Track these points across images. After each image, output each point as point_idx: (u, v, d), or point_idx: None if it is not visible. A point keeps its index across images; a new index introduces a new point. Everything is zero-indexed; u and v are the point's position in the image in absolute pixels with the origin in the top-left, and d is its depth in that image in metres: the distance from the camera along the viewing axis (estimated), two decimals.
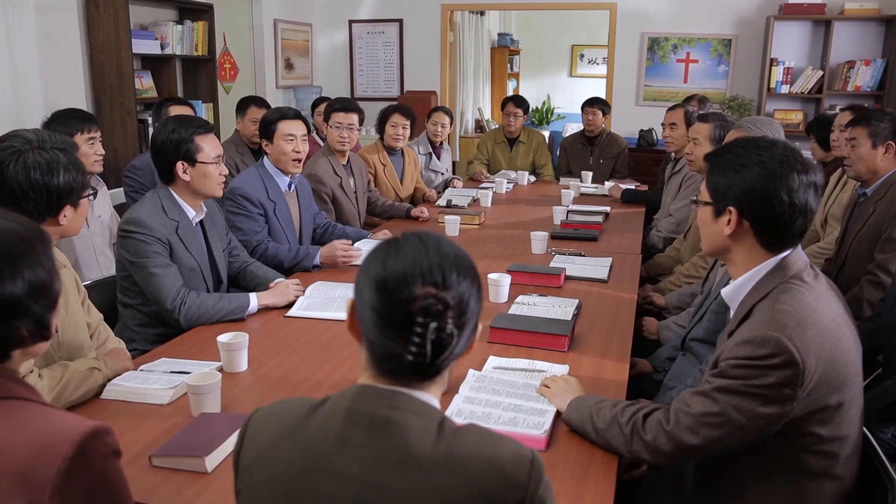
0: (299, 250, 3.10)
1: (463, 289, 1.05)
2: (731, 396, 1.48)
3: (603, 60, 10.09)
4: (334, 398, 1.09)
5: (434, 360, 1.02)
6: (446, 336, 1.02)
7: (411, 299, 1.01)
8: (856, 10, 6.05)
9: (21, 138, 1.87)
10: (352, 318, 1.11)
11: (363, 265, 1.09)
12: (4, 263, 1.08)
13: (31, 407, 1.11)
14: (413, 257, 1.05)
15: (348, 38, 7.28)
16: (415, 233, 1.11)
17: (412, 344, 1.01)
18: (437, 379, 1.08)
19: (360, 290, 1.07)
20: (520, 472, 1.01)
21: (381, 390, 1.06)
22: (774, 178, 1.54)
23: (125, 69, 4.55)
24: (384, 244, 1.10)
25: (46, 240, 1.16)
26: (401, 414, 1.03)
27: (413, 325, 1.01)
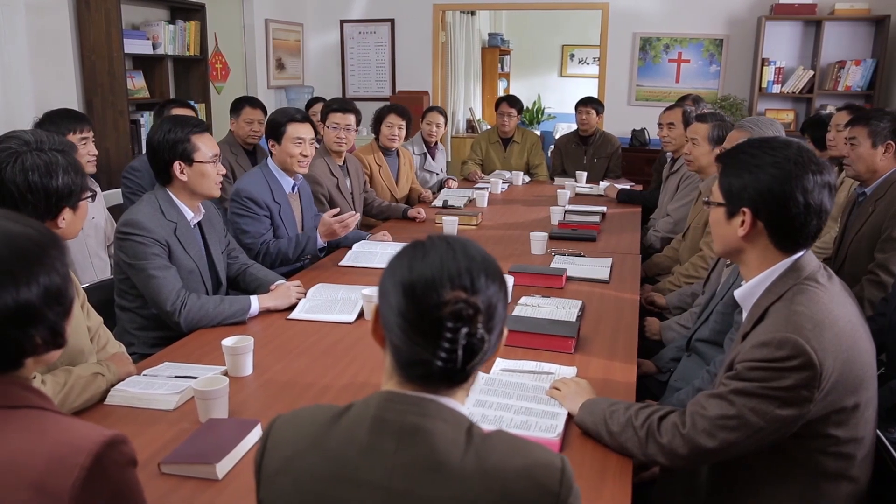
0: (298, 237, 3.11)
1: (491, 293, 1.04)
2: (748, 399, 1.47)
3: (593, 60, 10.12)
4: (359, 405, 1.07)
5: (465, 366, 1.01)
6: (477, 341, 1.00)
7: (440, 304, 1.00)
8: (846, 11, 6.09)
9: (19, 139, 1.83)
10: (376, 324, 1.09)
11: (388, 269, 1.07)
12: (20, 269, 1.05)
13: (45, 416, 1.08)
14: (441, 261, 1.03)
15: (340, 38, 7.24)
16: (441, 236, 1.09)
17: (441, 349, 0.99)
18: (464, 385, 1.06)
19: (386, 295, 1.05)
20: (551, 480, 1.00)
21: (409, 397, 1.04)
22: (790, 178, 1.53)
23: (117, 69, 4.50)
24: (410, 248, 1.08)
25: (60, 245, 1.13)
26: (429, 421, 1.01)
27: (442, 330, 0.99)
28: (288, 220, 3.23)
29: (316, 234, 3.10)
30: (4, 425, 1.04)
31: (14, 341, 1.06)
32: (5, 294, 1.03)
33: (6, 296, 1.03)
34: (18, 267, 1.05)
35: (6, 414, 1.06)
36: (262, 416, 1.79)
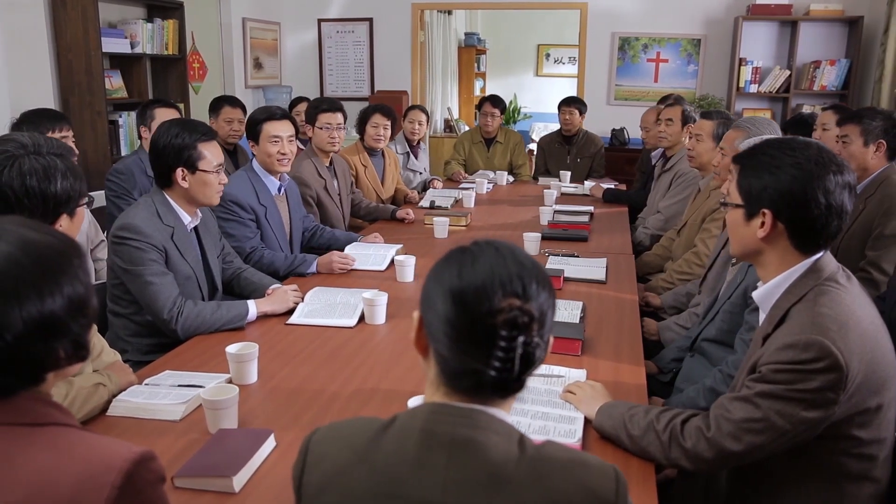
0: (296, 257, 3.03)
1: (542, 300, 1.01)
2: (774, 401, 1.46)
3: (569, 60, 10.18)
4: (404, 418, 1.04)
5: (520, 376, 0.98)
6: (533, 349, 0.97)
7: (493, 312, 0.97)
8: (821, 12, 6.17)
9: (15, 142, 1.76)
10: (420, 333, 1.05)
11: (433, 276, 1.04)
12: (44, 279, 1.00)
13: (71, 433, 1.04)
14: (491, 267, 1.00)
15: (317, 38, 7.17)
16: (487, 241, 1.06)
17: (496, 359, 0.96)
18: (515, 395, 1.03)
19: (432, 303, 1.01)
20: (607, 490, 0.98)
21: (458, 409, 1.01)
22: (811, 179, 1.53)
23: (95, 68, 4.40)
24: (456, 253, 1.04)
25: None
26: (481, 433, 0.98)
27: (496, 339, 0.96)
28: (275, 222, 3.17)
29: (313, 260, 3.02)
30: (31, 444, 1.00)
31: (38, 355, 1.02)
32: (29, 305, 0.98)
33: (30, 307, 0.98)
34: (42, 277, 1.00)
35: (31, 432, 1.01)
36: (272, 425, 1.75)
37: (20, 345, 0.98)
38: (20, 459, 0.98)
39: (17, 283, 0.98)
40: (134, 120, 4.74)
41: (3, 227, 1.03)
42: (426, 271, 3.01)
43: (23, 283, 0.98)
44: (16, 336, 0.97)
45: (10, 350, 0.97)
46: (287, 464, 1.58)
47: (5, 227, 1.03)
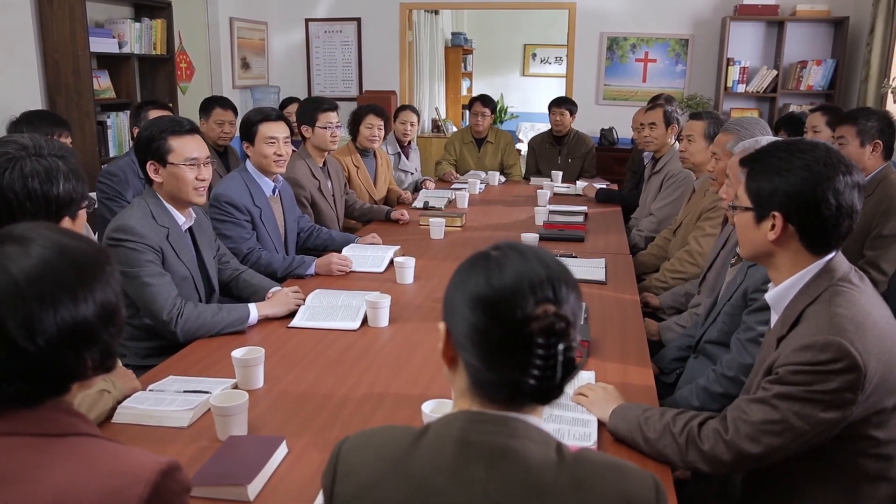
0: (294, 259, 3.00)
1: (572, 302, 0.99)
2: (792, 403, 1.46)
3: (555, 60, 10.20)
4: (437, 427, 1.02)
5: (562, 382, 0.96)
6: (573, 355, 0.96)
7: (527, 319, 0.95)
8: (807, 12, 6.22)
9: (16, 144, 1.72)
10: (447, 345, 1.03)
11: (458, 285, 1.01)
12: (78, 283, 0.98)
13: (96, 443, 1.02)
14: (519, 272, 0.98)
15: (305, 37, 7.12)
16: (510, 245, 1.03)
17: (535, 367, 0.94)
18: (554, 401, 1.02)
19: (459, 313, 0.99)
20: (647, 499, 0.97)
21: (494, 417, 0.99)
22: (821, 180, 1.53)
23: (82, 68, 4.34)
24: (480, 260, 1.01)
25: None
26: (519, 442, 0.97)
27: (533, 347, 0.94)
28: (270, 223, 3.14)
29: (312, 262, 2.99)
30: (56, 455, 0.97)
31: (67, 363, 1.00)
32: (62, 309, 0.96)
33: (63, 311, 0.96)
34: (77, 282, 0.98)
35: (56, 442, 0.99)
36: (283, 431, 1.73)
37: (51, 351, 0.96)
38: (46, 471, 0.95)
39: (53, 288, 0.96)
40: (122, 121, 4.70)
41: (38, 232, 1.01)
42: (426, 273, 3.00)
43: (59, 288, 0.96)
44: (48, 341, 0.95)
45: (41, 356, 0.95)
46: (300, 471, 1.57)
47: (40, 231, 1.01)
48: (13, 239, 0.99)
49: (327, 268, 2.98)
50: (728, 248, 2.79)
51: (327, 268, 2.98)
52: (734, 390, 2.06)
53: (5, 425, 0.98)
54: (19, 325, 0.94)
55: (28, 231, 1.01)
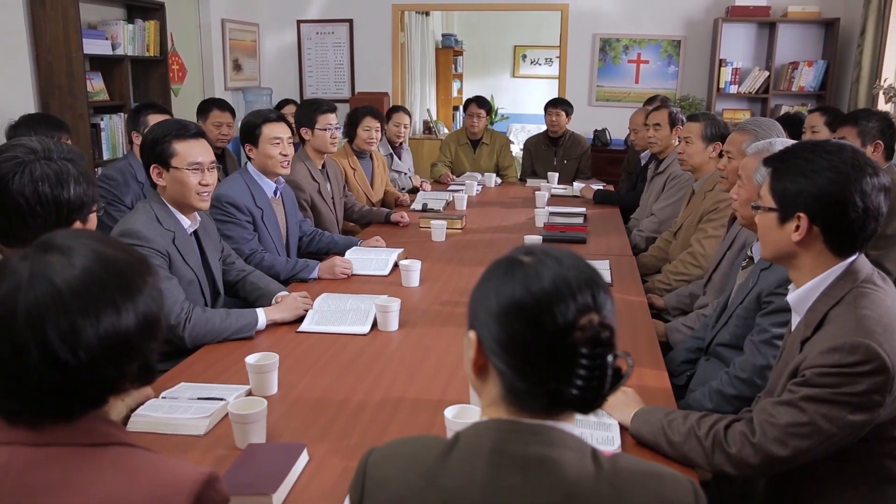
0: (297, 262, 2.97)
1: (610, 307, 0.98)
2: (820, 405, 1.45)
3: (545, 61, 10.21)
4: (468, 436, 0.99)
5: (608, 393, 0.94)
6: (619, 365, 0.94)
7: (569, 327, 0.93)
8: (798, 13, 6.26)
9: (25, 147, 1.69)
10: (480, 355, 1.00)
11: (490, 291, 0.98)
12: (120, 294, 0.96)
13: (134, 453, 1.00)
14: (556, 277, 0.95)
15: (297, 39, 7.08)
16: (544, 250, 1.01)
17: (578, 377, 0.92)
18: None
19: (494, 321, 0.96)
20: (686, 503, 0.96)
21: (528, 425, 0.96)
22: (849, 182, 1.52)
23: (76, 70, 4.27)
24: (513, 265, 0.98)
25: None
26: (555, 450, 0.94)
27: (577, 356, 0.92)
28: (271, 225, 3.11)
29: (315, 266, 2.97)
30: (97, 465, 0.96)
31: (108, 377, 0.97)
32: (105, 321, 0.93)
33: (106, 323, 0.94)
34: (118, 291, 0.95)
35: (96, 452, 0.97)
36: (301, 438, 1.70)
37: (92, 365, 0.93)
38: (88, 481, 0.94)
39: (97, 299, 0.94)
40: (116, 123, 4.65)
41: (80, 241, 0.98)
42: (431, 275, 2.98)
43: (102, 299, 0.94)
44: (89, 354, 0.93)
45: (82, 370, 0.93)
46: (323, 478, 1.55)
47: (83, 240, 0.98)
48: (56, 248, 0.96)
49: (331, 271, 2.96)
50: (735, 249, 2.79)
51: (331, 271, 2.96)
52: (748, 392, 2.06)
53: (44, 436, 0.95)
54: (61, 337, 0.91)
55: (70, 240, 0.98)
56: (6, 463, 0.94)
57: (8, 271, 0.94)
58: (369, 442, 1.68)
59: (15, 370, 0.92)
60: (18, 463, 0.94)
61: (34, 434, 0.95)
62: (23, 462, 0.94)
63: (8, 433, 0.95)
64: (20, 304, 0.91)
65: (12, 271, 0.94)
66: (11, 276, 0.93)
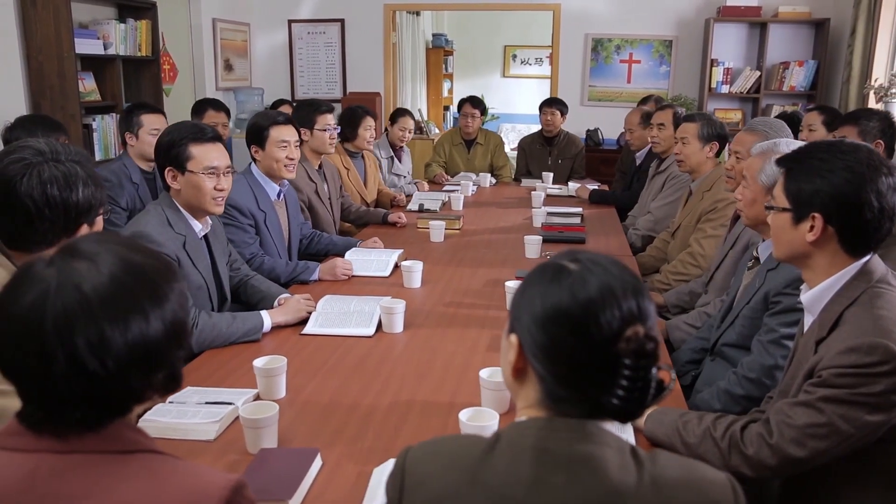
0: (297, 265, 2.95)
1: (654, 315, 0.98)
2: (838, 406, 1.45)
3: (535, 61, 10.21)
4: (510, 434, 0.99)
5: (649, 404, 0.94)
6: (662, 377, 0.94)
7: (615, 337, 0.93)
8: (789, 14, 6.29)
9: (32, 149, 1.65)
10: (520, 358, 1.00)
11: (535, 296, 0.98)
12: (148, 301, 0.94)
13: (162, 460, 0.98)
14: (602, 286, 0.95)
15: (288, 39, 7.04)
16: (589, 257, 1.00)
17: (620, 388, 0.92)
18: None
19: (537, 327, 0.96)
20: (727, 499, 0.95)
21: (571, 423, 0.96)
22: (864, 182, 1.52)
23: (68, 70, 4.22)
24: (559, 272, 0.98)
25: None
26: (598, 448, 0.94)
27: (620, 367, 0.92)
28: (274, 228, 3.09)
29: (316, 267, 2.95)
30: (125, 472, 0.94)
31: (135, 386, 0.95)
32: (134, 328, 0.91)
33: (134, 329, 0.92)
34: (146, 298, 0.94)
35: (123, 459, 0.95)
36: (312, 442, 1.68)
37: (121, 374, 0.91)
38: (115, 488, 0.92)
39: (125, 308, 0.92)
40: (108, 124, 4.60)
41: (105, 246, 0.96)
42: (432, 276, 2.97)
43: (131, 307, 0.92)
44: (118, 363, 0.91)
45: (110, 379, 0.91)
46: (338, 483, 1.53)
47: (108, 245, 0.96)
48: (82, 254, 0.94)
49: (331, 272, 2.94)
50: (738, 249, 2.80)
51: (331, 272, 2.94)
52: (757, 392, 2.06)
53: (71, 444, 0.94)
54: (90, 346, 0.89)
55: (96, 245, 0.96)
56: (33, 471, 0.92)
57: (35, 278, 0.92)
58: (383, 446, 1.67)
59: (42, 379, 0.90)
60: (45, 471, 0.92)
61: (60, 442, 0.93)
62: (50, 470, 0.92)
63: (34, 441, 0.94)
64: (48, 312, 0.89)
65: (40, 278, 0.92)
66: (39, 284, 0.91)
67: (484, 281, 2.93)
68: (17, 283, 0.93)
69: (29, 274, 0.93)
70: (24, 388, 0.93)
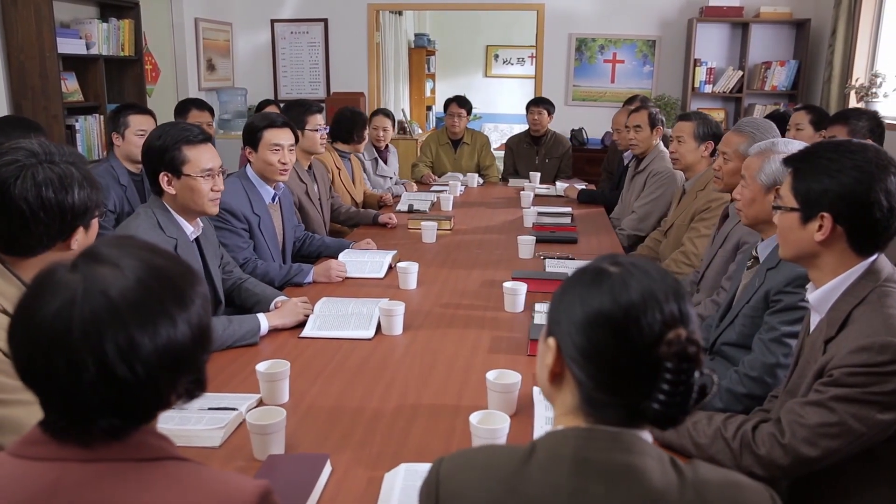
0: (291, 268, 2.91)
1: (696, 319, 0.96)
2: (850, 405, 1.46)
3: (517, 61, 10.23)
4: (546, 444, 0.97)
5: (691, 410, 0.93)
6: (704, 381, 0.93)
7: (657, 341, 0.92)
8: (770, 14, 6.35)
9: (25, 150, 1.60)
10: (558, 362, 0.99)
11: (574, 300, 0.97)
12: (174, 305, 0.91)
13: (189, 467, 0.96)
14: (644, 289, 0.94)
15: (271, 38, 6.99)
16: (630, 260, 0.99)
17: (661, 392, 0.91)
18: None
19: (577, 330, 0.95)
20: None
21: (609, 433, 0.95)
22: (874, 182, 1.53)
23: (50, 70, 4.16)
24: (599, 275, 0.97)
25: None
26: (638, 458, 0.93)
27: (661, 371, 0.91)
28: (268, 232, 3.05)
29: (309, 269, 2.91)
30: (153, 480, 0.92)
31: (162, 392, 0.93)
32: (162, 331, 0.89)
33: (162, 332, 0.89)
34: (172, 302, 0.91)
35: (148, 467, 0.93)
36: (320, 447, 1.66)
37: (150, 380, 0.89)
38: (142, 497, 0.90)
39: (153, 312, 0.89)
40: (91, 125, 4.53)
41: (127, 251, 0.93)
42: (427, 278, 2.94)
43: (158, 311, 0.90)
44: (147, 369, 0.88)
45: (139, 386, 0.88)
46: (349, 489, 1.51)
47: (129, 249, 0.94)
48: (104, 259, 0.91)
49: (326, 274, 2.91)
50: (728, 248, 2.81)
51: (326, 274, 2.91)
52: (758, 391, 2.07)
53: (95, 453, 0.91)
54: (119, 352, 0.87)
55: (117, 249, 0.93)
56: (57, 480, 0.89)
57: (59, 285, 0.89)
58: (392, 450, 1.65)
59: (70, 387, 0.87)
60: (70, 480, 0.89)
61: (85, 451, 0.91)
62: (75, 479, 0.90)
63: (58, 450, 0.91)
64: (75, 319, 0.86)
65: (64, 285, 0.89)
66: (64, 290, 0.88)
67: (480, 282, 2.91)
68: (39, 290, 0.90)
69: (52, 280, 0.90)
70: (49, 397, 0.91)
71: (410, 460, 1.57)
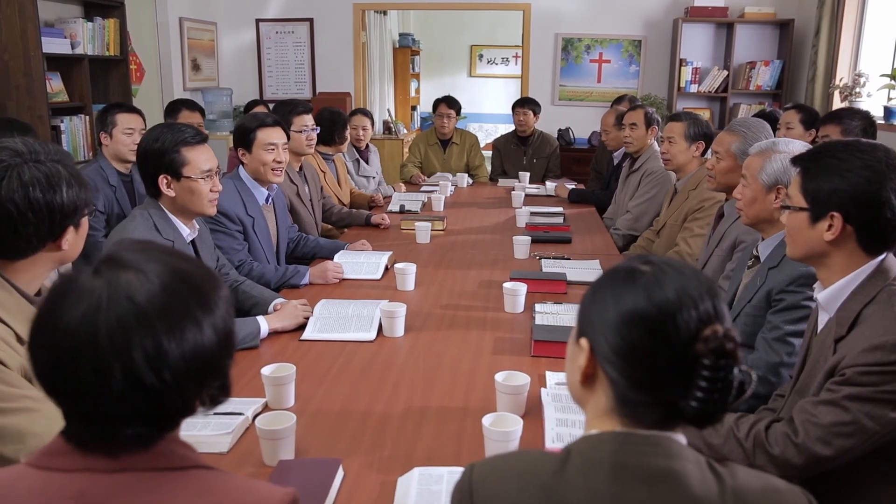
0: (287, 269, 2.88)
1: (730, 317, 0.96)
2: (863, 404, 1.46)
3: (502, 60, 10.24)
4: (582, 450, 0.96)
5: (729, 407, 0.92)
6: (743, 378, 0.92)
7: (692, 338, 0.91)
8: (754, 14, 6.40)
9: (9, 150, 1.53)
10: (591, 363, 0.98)
11: (607, 300, 0.96)
12: (199, 309, 0.89)
13: (215, 475, 0.94)
14: (679, 287, 0.93)
15: (256, 38, 6.93)
16: (662, 259, 0.99)
17: (699, 390, 0.90)
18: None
19: (611, 330, 0.94)
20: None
21: (646, 437, 0.94)
22: (884, 181, 1.53)
23: (34, 70, 4.09)
24: (632, 274, 0.96)
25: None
26: (677, 462, 0.92)
27: (698, 368, 0.90)
28: (262, 233, 3.02)
29: (305, 270, 2.89)
30: (176, 489, 0.90)
31: (189, 399, 0.91)
32: (189, 336, 0.87)
33: (189, 338, 0.87)
34: (198, 307, 0.89)
35: (174, 476, 0.91)
36: (330, 452, 1.64)
37: (177, 386, 0.87)
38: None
39: (179, 317, 0.87)
40: (77, 125, 4.46)
41: (150, 255, 0.91)
42: (424, 278, 2.93)
43: (185, 316, 0.88)
44: (175, 375, 0.86)
45: (168, 392, 0.86)
46: (362, 495, 1.49)
47: (152, 254, 0.91)
48: (127, 263, 0.89)
49: (323, 276, 2.88)
50: (724, 247, 2.82)
51: (323, 276, 2.88)
52: (762, 389, 2.07)
53: (121, 463, 0.89)
54: (147, 359, 0.84)
55: (139, 254, 0.91)
56: (84, 491, 0.87)
57: (83, 291, 0.86)
58: (403, 454, 1.63)
59: (97, 396, 0.85)
60: (97, 491, 0.87)
61: (111, 460, 0.89)
62: (103, 491, 0.87)
63: (82, 460, 0.88)
64: (101, 326, 0.84)
65: (88, 291, 0.86)
66: (88, 296, 0.86)
67: (477, 282, 2.90)
68: (61, 296, 0.88)
69: (74, 286, 0.88)
70: (74, 406, 0.88)
71: (422, 464, 1.55)
